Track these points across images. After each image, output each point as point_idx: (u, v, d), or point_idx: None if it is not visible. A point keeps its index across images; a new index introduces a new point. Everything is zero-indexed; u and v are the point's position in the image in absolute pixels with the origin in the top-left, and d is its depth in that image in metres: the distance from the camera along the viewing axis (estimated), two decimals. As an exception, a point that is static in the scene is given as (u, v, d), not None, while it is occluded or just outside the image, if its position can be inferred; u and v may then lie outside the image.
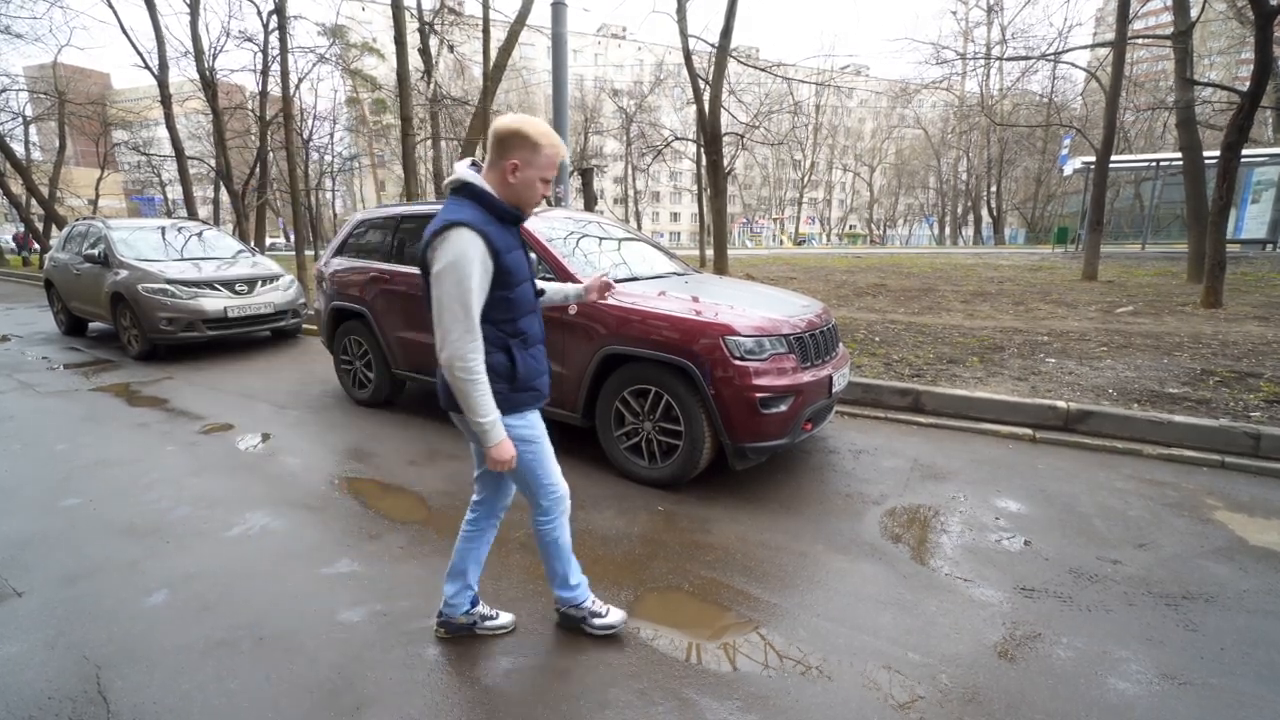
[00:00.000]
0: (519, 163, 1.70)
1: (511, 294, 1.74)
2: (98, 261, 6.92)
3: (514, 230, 1.80)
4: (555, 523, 1.96)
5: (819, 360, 3.34)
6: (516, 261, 1.75)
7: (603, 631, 2.06)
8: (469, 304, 1.62)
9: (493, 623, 2.10)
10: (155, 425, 4.38)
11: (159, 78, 12.82)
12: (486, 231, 1.64)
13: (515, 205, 1.75)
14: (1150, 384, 4.63)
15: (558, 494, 1.94)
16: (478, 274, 1.62)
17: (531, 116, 1.72)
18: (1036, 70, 28.71)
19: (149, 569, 2.48)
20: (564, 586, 2.05)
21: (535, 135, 1.68)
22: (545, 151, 1.70)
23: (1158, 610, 2.25)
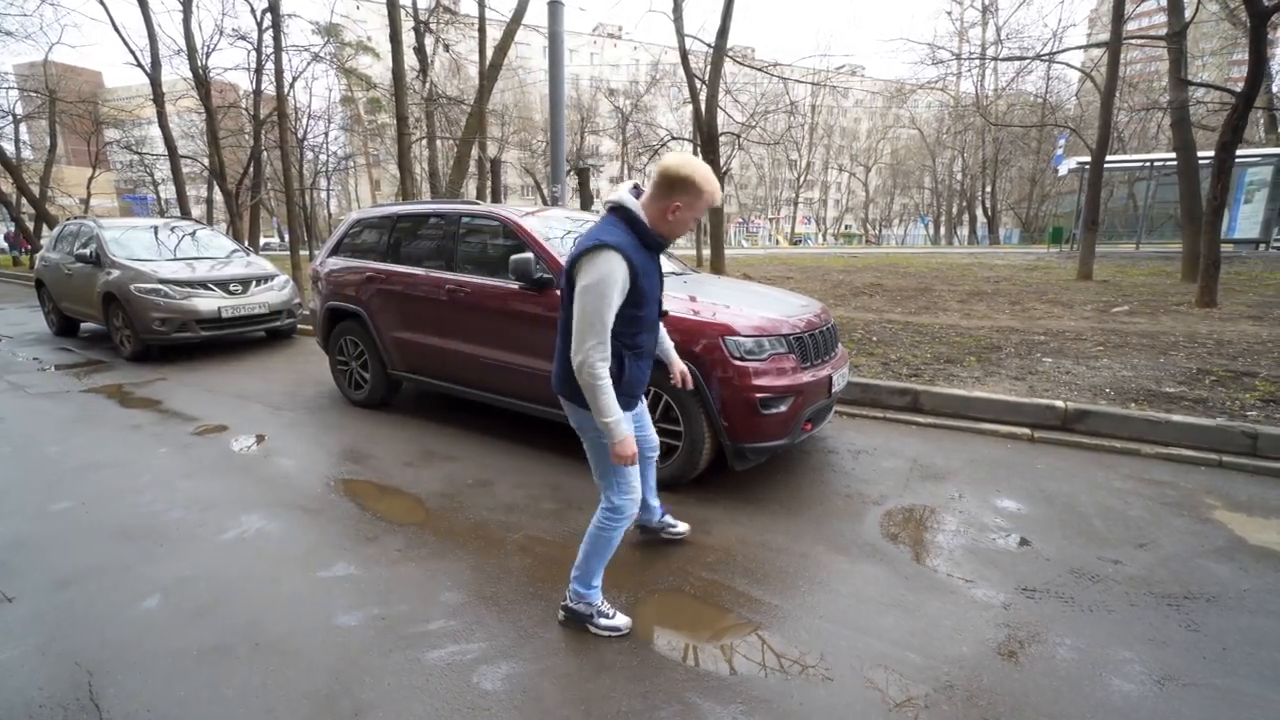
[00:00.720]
0: (681, 205, 1.87)
1: (640, 312, 1.93)
2: (89, 261, 6.86)
3: (655, 257, 1.98)
4: (618, 524, 2.07)
5: (818, 360, 3.33)
6: (650, 284, 1.94)
7: (605, 632, 2.08)
8: (606, 319, 1.80)
9: (674, 530, 2.61)
10: (148, 427, 4.33)
11: (151, 75, 12.73)
12: (632, 257, 1.83)
13: (665, 237, 1.94)
14: (1147, 383, 4.64)
15: (631, 496, 2.06)
16: (617, 294, 1.81)
17: (696, 159, 1.86)
18: (1031, 71, 28.84)
19: (142, 573, 2.44)
20: (585, 584, 2.11)
21: (700, 182, 1.84)
22: (706, 198, 1.87)
23: (1159, 610, 2.24)
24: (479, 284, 3.91)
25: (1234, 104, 7.00)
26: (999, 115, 24.10)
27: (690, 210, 1.88)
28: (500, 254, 3.90)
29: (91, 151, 22.12)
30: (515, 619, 2.18)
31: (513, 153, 36.10)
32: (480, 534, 2.81)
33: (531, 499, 3.18)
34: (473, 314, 3.94)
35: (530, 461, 3.68)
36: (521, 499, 3.18)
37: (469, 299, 3.93)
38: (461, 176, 11.02)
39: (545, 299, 3.54)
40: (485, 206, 4.19)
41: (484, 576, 2.46)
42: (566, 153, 25.44)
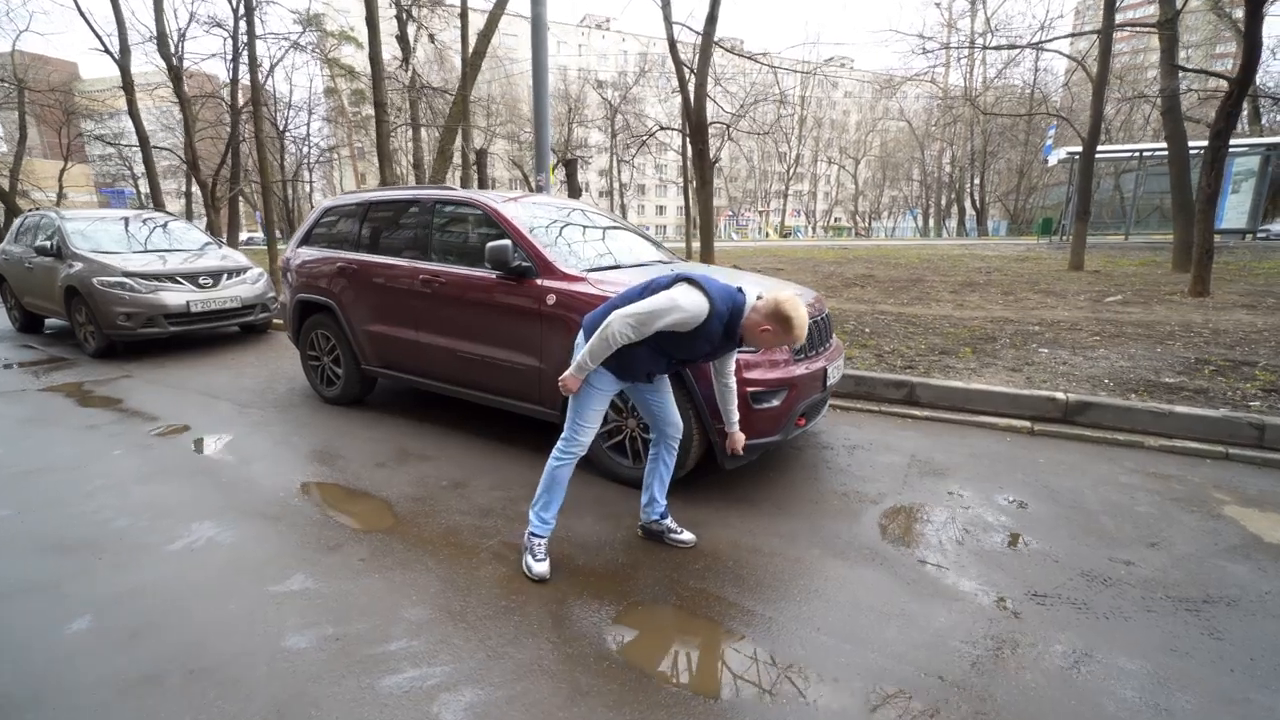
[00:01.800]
0: (772, 331, 2.06)
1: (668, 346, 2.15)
2: (50, 254, 6.54)
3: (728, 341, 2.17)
4: (563, 460, 2.32)
5: (813, 352, 3.15)
6: (691, 348, 2.16)
7: (525, 570, 2.33)
8: (654, 321, 2.04)
9: (677, 536, 2.56)
10: (105, 427, 4.09)
11: (120, 62, 12.25)
12: (710, 321, 2.06)
13: (741, 339, 2.15)
14: (1146, 373, 4.52)
15: (578, 439, 2.30)
16: (676, 319, 2.04)
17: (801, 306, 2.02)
18: (1019, 63, 28.81)
19: (74, 590, 2.22)
20: (535, 510, 2.37)
21: (797, 326, 2.01)
22: (795, 333, 2.02)
23: (1178, 616, 2.09)
24: (455, 274, 3.69)
25: (1229, 90, 6.89)
26: (988, 106, 24.04)
27: (774, 338, 2.05)
28: (478, 242, 3.69)
29: (63, 143, 21.46)
30: (484, 637, 1.98)
31: (500, 145, 35.62)
32: (452, 540, 2.62)
33: (509, 501, 2.99)
34: (449, 305, 3.72)
35: (509, 461, 3.48)
36: (498, 501, 2.98)
37: (445, 290, 3.72)
38: (445, 166, 10.73)
39: (524, 289, 3.34)
40: (462, 192, 3.96)
41: (453, 589, 2.26)
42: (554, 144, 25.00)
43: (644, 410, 2.48)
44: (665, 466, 2.52)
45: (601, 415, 2.32)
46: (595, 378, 2.23)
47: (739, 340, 2.16)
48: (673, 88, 15.16)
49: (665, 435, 2.49)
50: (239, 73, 13.66)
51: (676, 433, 2.49)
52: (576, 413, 2.29)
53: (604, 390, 2.27)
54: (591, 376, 2.22)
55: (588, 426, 2.29)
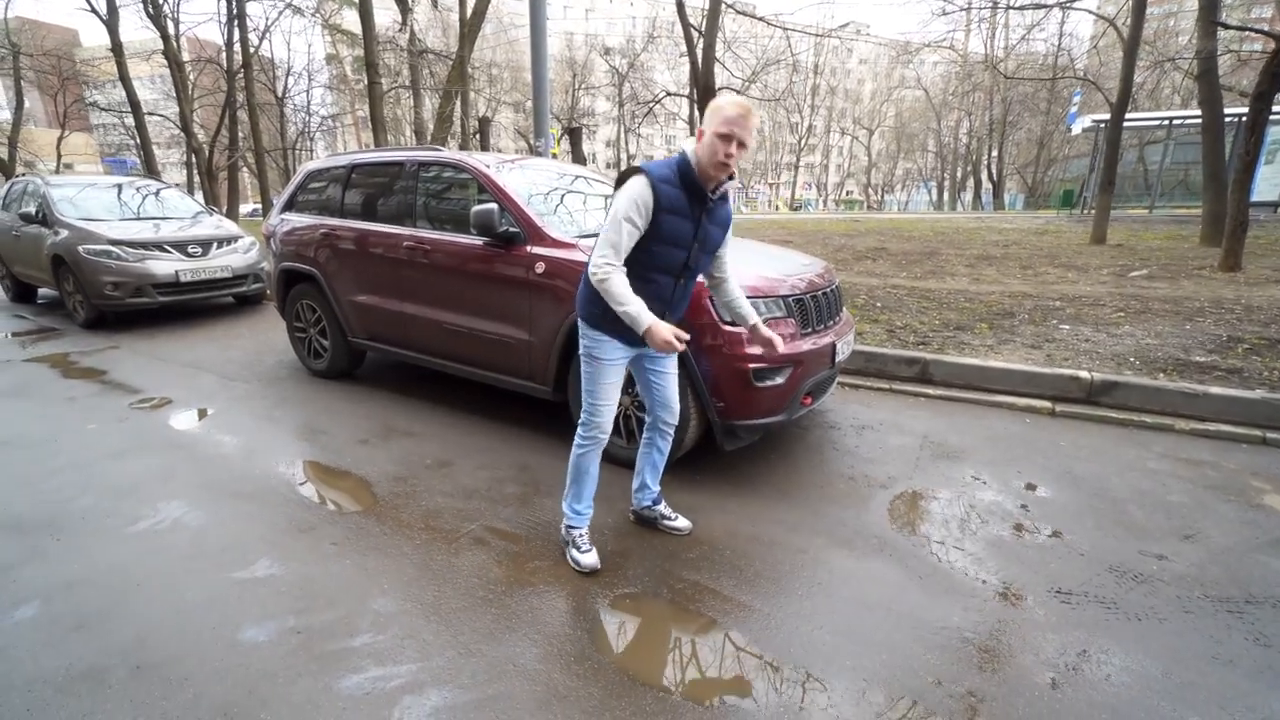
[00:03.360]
0: (703, 127, 1.84)
1: (654, 247, 1.91)
2: (35, 221, 6.36)
3: (697, 204, 1.90)
4: (585, 446, 2.14)
5: (821, 326, 2.93)
6: (673, 226, 1.89)
7: (573, 565, 2.15)
8: (619, 234, 1.84)
9: (671, 523, 2.39)
10: (84, 400, 3.95)
11: (108, 24, 11.87)
12: (659, 186, 1.84)
13: (703, 171, 1.86)
14: (1174, 351, 4.27)
15: (595, 420, 2.10)
16: (635, 214, 1.83)
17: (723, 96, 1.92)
18: (1043, 27, 27.61)
19: (23, 576, 2.08)
20: (569, 504, 2.21)
21: (717, 100, 1.82)
22: (721, 110, 1.79)
23: (1219, 618, 1.91)
24: (440, 240, 3.47)
25: (1276, 48, 6.43)
26: (1010, 73, 23.10)
27: (711, 130, 1.80)
28: (466, 207, 3.46)
29: (60, 111, 21.12)
30: (456, 632, 1.83)
31: (506, 114, 34.87)
32: (432, 524, 2.46)
33: (495, 482, 2.82)
34: (434, 274, 3.51)
35: (497, 439, 3.31)
36: (483, 482, 2.82)
37: (429, 258, 3.50)
38: (444, 131, 10.39)
39: (512, 256, 3.12)
40: (448, 154, 3.72)
41: (428, 576, 2.11)
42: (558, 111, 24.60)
43: (644, 389, 2.27)
44: (659, 453, 2.34)
45: (618, 391, 2.12)
46: (601, 350, 2.03)
47: (711, 190, 1.89)
48: (681, 53, 14.61)
49: (660, 420, 2.28)
50: (234, 35, 13.24)
51: (673, 419, 2.28)
52: (589, 392, 2.09)
53: (614, 361, 2.06)
54: (596, 350, 2.04)
55: (604, 405, 2.09)
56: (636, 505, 2.45)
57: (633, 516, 2.48)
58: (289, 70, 23.28)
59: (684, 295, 2.10)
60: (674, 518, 2.41)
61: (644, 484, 2.39)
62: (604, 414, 2.10)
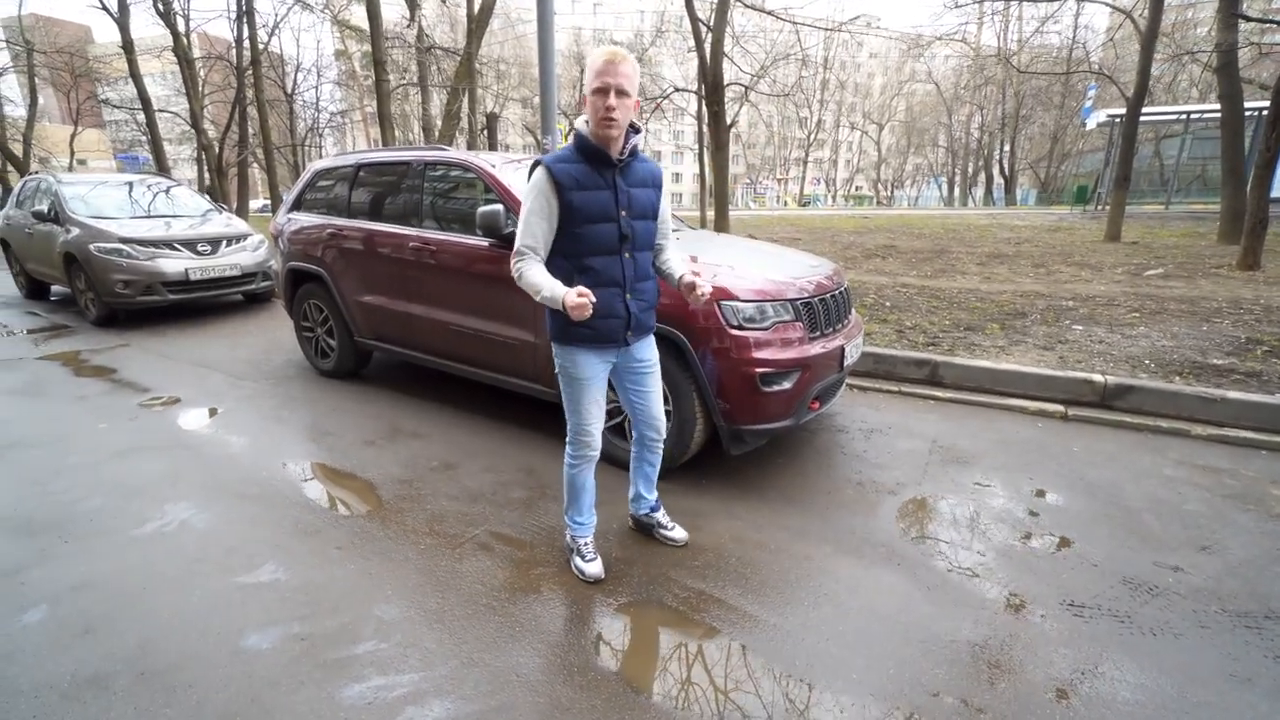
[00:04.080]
0: (588, 91, 1.76)
1: (579, 230, 1.84)
2: (48, 219, 6.41)
3: (604, 171, 1.85)
4: (575, 463, 2.09)
5: (829, 329, 2.89)
6: (585, 200, 1.82)
7: (577, 574, 2.14)
8: (529, 229, 1.83)
9: (667, 533, 2.34)
10: (94, 399, 3.98)
11: (119, 21, 11.95)
12: (554, 168, 1.79)
13: (597, 137, 1.80)
14: (1191, 354, 4.19)
15: (582, 439, 2.05)
16: (538, 206, 1.81)
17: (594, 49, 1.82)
18: (1058, 20, 27.20)
19: (32, 578, 2.09)
20: (569, 518, 2.19)
21: (589, 60, 1.76)
22: (588, 64, 1.75)
23: (1236, 634, 1.86)
24: (446, 241, 3.46)
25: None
26: (1023, 66, 22.78)
27: (588, 90, 1.76)
28: (472, 208, 3.44)
29: (72, 107, 21.29)
30: (460, 640, 1.82)
31: (514, 110, 34.79)
32: (436, 528, 2.45)
33: (500, 485, 2.81)
34: (439, 275, 3.50)
35: (503, 442, 3.30)
36: (489, 485, 2.81)
37: (435, 258, 3.49)
38: (452, 128, 10.39)
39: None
40: (455, 154, 3.70)
41: (432, 582, 2.10)
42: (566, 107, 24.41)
43: (626, 405, 2.20)
44: (650, 465, 2.29)
45: (602, 405, 2.06)
46: (576, 367, 1.97)
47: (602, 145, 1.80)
48: (689, 48, 14.49)
49: (645, 437, 2.22)
50: (244, 32, 13.28)
51: (657, 434, 2.21)
52: (573, 411, 2.04)
53: (592, 376, 1.99)
54: (572, 368, 1.97)
55: (591, 422, 2.03)
56: (634, 512, 2.42)
57: (631, 523, 2.46)
58: (298, 66, 23.32)
59: (641, 272, 1.97)
60: (671, 527, 2.36)
61: (638, 494, 2.36)
62: (592, 430, 2.05)
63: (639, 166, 1.92)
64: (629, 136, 1.83)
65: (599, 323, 1.88)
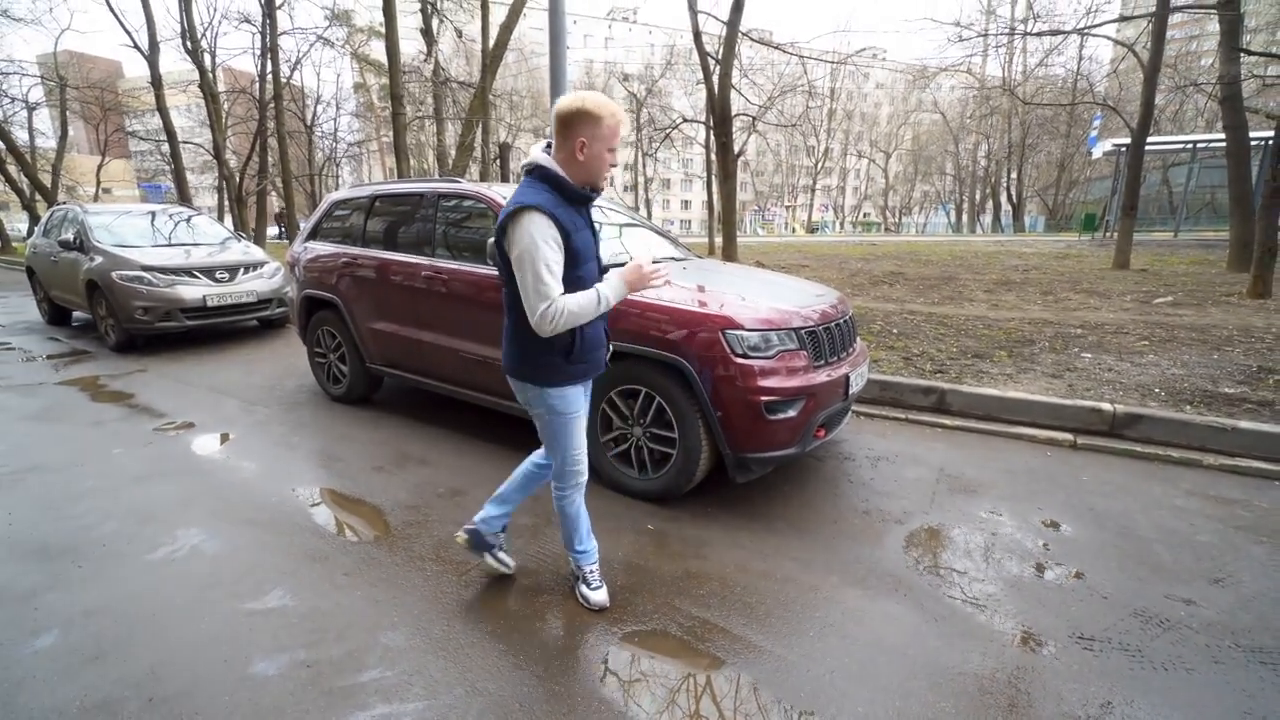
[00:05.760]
0: (585, 140, 1.75)
1: (580, 272, 1.82)
2: (73, 248, 6.62)
3: (584, 211, 1.88)
4: (567, 493, 2.08)
5: (834, 357, 2.92)
6: (584, 242, 1.83)
7: (583, 601, 2.13)
8: (548, 281, 1.71)
9: (501, 555, 2.29)
10: (110, 424, 4.06)
11: (149, 58, 12.47)
12: (556, 214, 1.73)
13: (585, 183, 1.83)
14: (1202, 383, 4.16)
15: (576, 467, 2.05)
16: (552, 253, 1.72)
17: (589, 91, 1.78)
18: (1062, 51, 27.63)
19: (46, 603, 2.13)
20: (570, 548, 2.19)
21: (595, 108, 1.73)
22: (607, 123, 1.75)
23: (1250, 670, 1.83)
24: (457, 270, 3.54)
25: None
26: (1028, 96, 23.09)
27: (597, 142, 1.76)
28: (483, 238, 3.53)
29: (101, 139, 22.10)
30: (465, 669, 1.82)
31: (526, 140, 35.58)
32: (443, 555, 2.47)
33: (506, 512, 2.82)
34: (450, 303, 3.58)
35: (509, 468, 3.24)
36: (495, 512, 2.82)
37: (446, 287, 3.57)
38: (466, 159, 10.66)
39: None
40: (467, 185, 3.81)
41: (438, 610, 2.11)
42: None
43: None
44: (537, 483, 2.24)
45: (584, 435, 2.04)
46: (566, 403, 1.94)
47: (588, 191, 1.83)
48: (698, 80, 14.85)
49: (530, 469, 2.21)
50: (267, 67, 13.79)
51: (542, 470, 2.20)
52: (563, 447, 1.99)
53: (572, 413, 1.97)
54: (563, 405, 1.94)
55: (580, 453, 2.03)
56: (482, 528, 2.22)
57: (465, 535, 2.23)
58: (318, 99, 24.14)
59: None
60: (506, 553, 2.29)
61: (506, 513, 2.24)
62: (583, 461, 2.04)
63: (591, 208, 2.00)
64: None
65: (594, 355, 1.95)
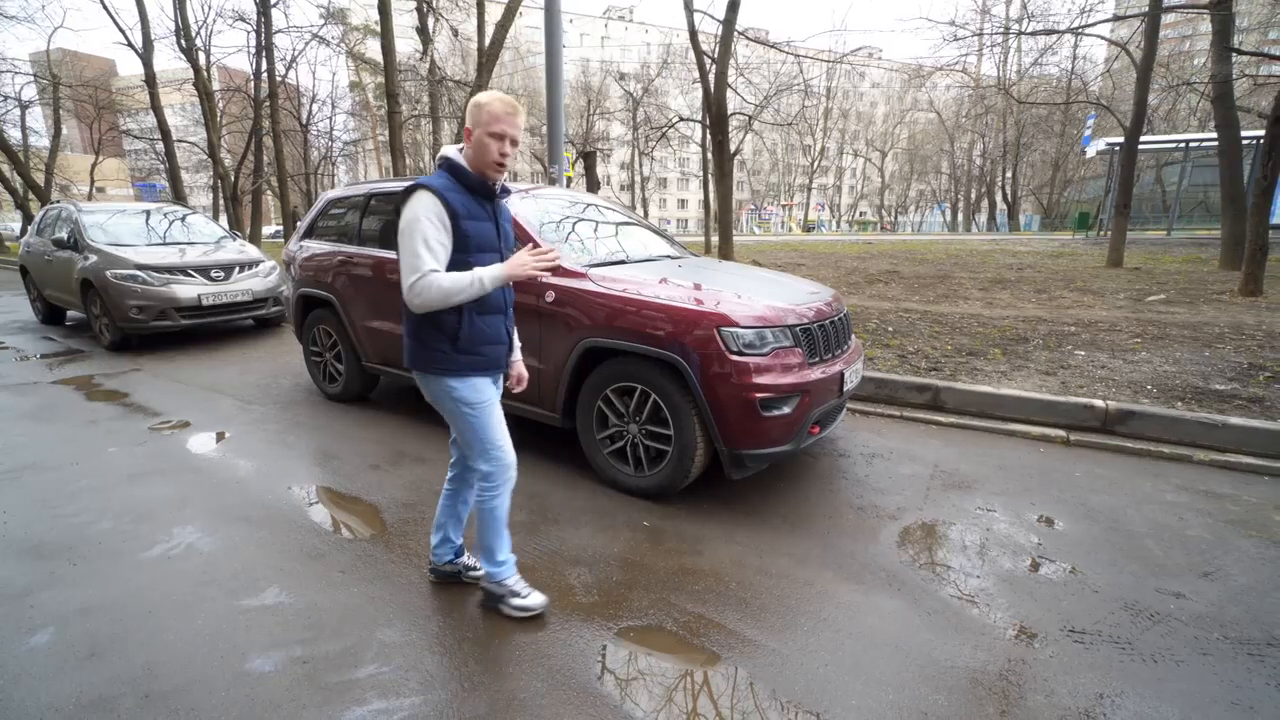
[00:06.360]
0: (471, 127, 1.81)
1: (470, 258, 1.82)
2: (67, 246, 6.59)
3: (485, 203, 1.89)
4: (495, 491, 1.98)
5: (829, 355, 2.93)
6: (478, 231, 1.84)
7: (518, 613, 2.03)
8: (422, 255, 1.73)
9: (476, 573, 2.19)
10: (105, 423, 4.04)
11: (143, 56, 12.41)
12: (446, 195, 1.77)
13: (479, 170, 1.84)
14: (1193, 379, 4.19)
15: (502, 460, 1.96)
16: (433, 230, 1.75)
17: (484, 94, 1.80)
18: (1056, 51, 27.72)
19: (41, 601, 2.13)
20: (490, 561, 2.05)
21: (481, 98, 1.79)
22: (487, 109, 1.77)
23: (1239, 662, 1.85)
24: (453, 269, 3.54)
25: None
26: (1023, 96, 23.18)
27: (478, 127, 1.78)
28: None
29: (94, 138, 21.97)
30: (461, 663, 1.83)
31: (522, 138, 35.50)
32: (439, 552, 2.47)
33: (502, 510, 2.83)
34: (446, 302, 3.58)
35: (506, 465, 3.33)
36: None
37: (442, 285, 3.57)
38: (461, 159, 10.62)
39: (522, 286, 3.17)
40: (463, 184, 3.81)
41: (434, 606, 2.12)
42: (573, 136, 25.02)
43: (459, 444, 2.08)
44: (464, 504, 2.17)
45: (503, 426, 1.98)
46: (474, 391, 1.90)
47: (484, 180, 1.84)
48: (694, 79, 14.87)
49: (469, 470, 2.10)
50: (262, 65, 13.74)
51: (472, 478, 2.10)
52: (481, 440, 1.93)
53: (481, 401, 1.92)
54: (471, 394, 1.90)
55: (502, 438, 1.95)
56: (437, 562, 2.21)
57: (432, 576, 2.24)
58: (313, 97, 24.06)
59: (512, 300, 2.05)
60: (479, 568, 2.16)
61: (445, 538, 2.18)
62: (507, 448, 1.96)
63: (503, 203, 2.01)
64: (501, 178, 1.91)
65: (490, 349, 1.93)
